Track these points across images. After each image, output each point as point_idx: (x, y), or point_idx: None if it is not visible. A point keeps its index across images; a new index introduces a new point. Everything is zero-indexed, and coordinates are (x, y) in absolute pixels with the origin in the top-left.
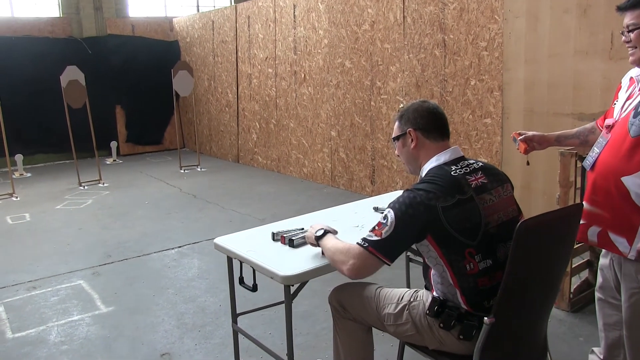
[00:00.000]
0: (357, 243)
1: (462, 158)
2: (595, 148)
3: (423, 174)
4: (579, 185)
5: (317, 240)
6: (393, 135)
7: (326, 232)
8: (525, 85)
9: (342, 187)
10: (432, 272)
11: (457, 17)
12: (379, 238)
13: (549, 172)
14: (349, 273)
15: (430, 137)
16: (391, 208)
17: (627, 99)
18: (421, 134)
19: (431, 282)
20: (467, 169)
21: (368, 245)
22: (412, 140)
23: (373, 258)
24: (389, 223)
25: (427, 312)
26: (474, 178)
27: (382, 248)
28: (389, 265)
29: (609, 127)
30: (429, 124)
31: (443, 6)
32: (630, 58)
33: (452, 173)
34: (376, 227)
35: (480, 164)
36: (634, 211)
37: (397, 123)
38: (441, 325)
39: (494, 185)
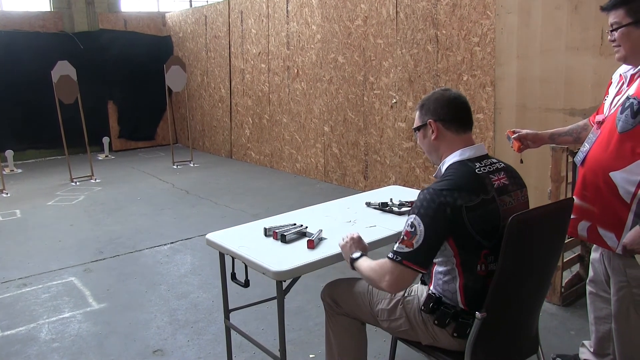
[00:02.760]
0: (388, 257)
1: (487, 156)
2: (585, 144)
3: (444, 168)
4: (570, 180)
5: (352, 263)
6: (414, 126)
7: (362, 254)
8: (517, 80)
9: (335, 182)
10: (437, 268)
11: (449, 12)
12: (410, 249)
13: (541, 167)
14: (389, 289)
15: (451, 129)
16: (417, 215)
17: (616, 95)
18: (442, 125)
19: (432, 277)
20: (490, 168)
21: (401, 259)
22: (432, 131)
23: (408, 270)
24: (418, 232)
25: (422, 308)
26: (496, 178)
27: (416, 259)
28: (424, 273)
29: (600, 123)
30: (450, 114)
31: (436, 2)
32: (616, 55)
33: (476, 171)
34: (405, 238)
35: (503, 164)
36: (621, 206)
37: (417, 113)
38: (436, 322)
39: (514, 188)
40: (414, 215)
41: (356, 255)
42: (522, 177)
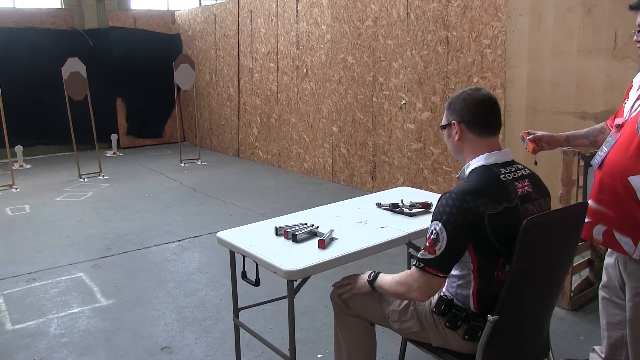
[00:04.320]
0: (414, 265)
1: (512, 162)
2: (604, 147)
3: (467, 170)
4: (581, 183)
5: (371, 284)
6: (440, 124)
7: (377, 273)
8: (527, 83)
9: (342, 182)
10: (453, 273)
11: (460, 14)
12: (433, 256)
13: (552, 170)
14: (419, 297)
15: (475, 132)
16: (439, 221)
17: (638, 99)
18: (465, 127)
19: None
20: (515, 174)
21: (424, 265)
22: (455, 132)
23: (432, 277)
24: (440, 239)
25: (434, 309)
26: (520, 185)
27: (438, 265)
28: (446, 277)
29: (619, 127)
30: (475, 117)
31: (447, 3)
32: None
33: (501, 177)
34: (427, 244)
35: (528, 171)
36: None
37: (445, 111)
38: (447, 324)
39: (537, 196)
40: (436, 222)
41: (370, 275)
42: (546, 186)
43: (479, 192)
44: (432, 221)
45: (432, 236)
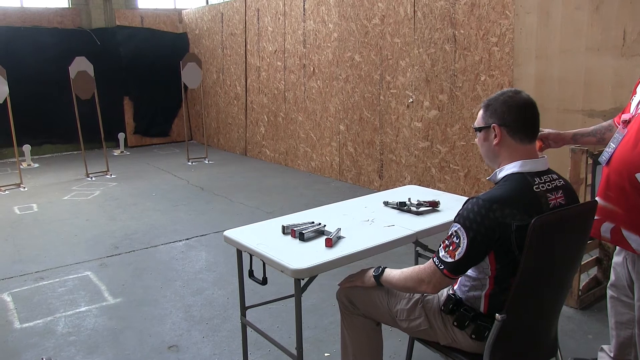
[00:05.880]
0: (434, 262)
1: (548, 171)
2: (611, 143)
3: (500, 174)
4: (589, 182)
5: (377, 279)
6: (476, 125)
7: (383, 268)
8: (535, 81)
9: (350, 181)
10: (468, 274)
11: (467, 12)
12: (452, 260)
13: (560, 168)
14: (430, 291)
15: (516, 138)
16: (463, 226)
17: None
18: (506, 131)
19: (457, 280)
20: (549, 185)
21: (444, 267)
22: (495, 136)
23: (447, 278)
24: (461, 244)
25: (442, 308)
26: (553, 197)
27: (455, 269)
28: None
29: (626, 122)
30: (518, 122)
31: (454, 1)
32: None
33: (534, 188)
34: (450, 248)
35: (562, 182)
36: None
37: (481, 112)
38: (455, 323)
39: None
40: (459, 225)
41: (376, 271)
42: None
43: (507, 201)
44: (454, 222)
45: (454, 239)
